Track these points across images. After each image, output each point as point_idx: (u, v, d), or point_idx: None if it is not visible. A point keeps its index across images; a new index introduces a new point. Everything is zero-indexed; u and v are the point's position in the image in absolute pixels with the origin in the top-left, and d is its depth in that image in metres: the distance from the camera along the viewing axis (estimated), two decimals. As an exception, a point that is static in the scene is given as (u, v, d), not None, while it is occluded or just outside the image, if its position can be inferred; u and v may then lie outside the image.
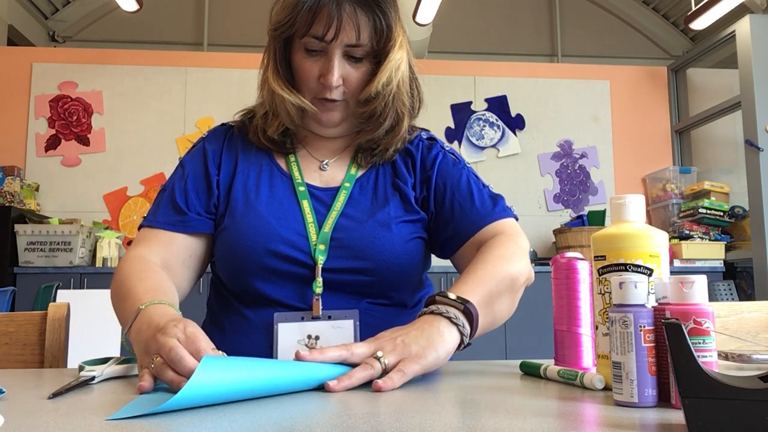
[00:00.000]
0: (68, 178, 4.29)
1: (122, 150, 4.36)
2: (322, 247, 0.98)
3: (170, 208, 1.03)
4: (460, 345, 0.81)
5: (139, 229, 1.05)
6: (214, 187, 1.05)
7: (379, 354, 0.73)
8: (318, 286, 0.97)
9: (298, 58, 1.01)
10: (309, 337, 0.96)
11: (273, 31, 1.01)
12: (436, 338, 0.77)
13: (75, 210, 4.23)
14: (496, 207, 1.04)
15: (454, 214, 1.04)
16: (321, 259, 0.97)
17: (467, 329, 0.81)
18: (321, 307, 0.96)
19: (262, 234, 0.98)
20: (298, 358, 0.72)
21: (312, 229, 0.99)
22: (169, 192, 1.05)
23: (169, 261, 1.00)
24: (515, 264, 0.95)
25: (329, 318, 0.96)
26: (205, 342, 0.72)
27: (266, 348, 0.96)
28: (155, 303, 0.84)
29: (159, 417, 0.56)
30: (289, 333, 0.95)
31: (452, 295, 0.83)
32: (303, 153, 1.10)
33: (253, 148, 1.09)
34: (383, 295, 1.01)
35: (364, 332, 0.96)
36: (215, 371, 0.61)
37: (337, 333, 0.96)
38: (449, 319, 0.80)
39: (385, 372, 0.72)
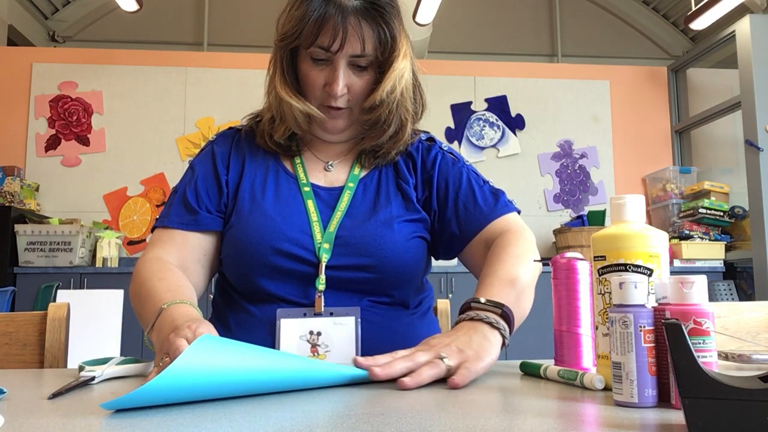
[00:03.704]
0: (68, 178, 4.29)
1: (122, 150, 4.36)
2: (326, 246, 1.00)
3: (182, 207, 1.06)
4: (501, 347, 0.84)
5: (153, 231, 1.08)
6: (224, 186, 1.07)
7: (443, 355, 0.75)
8: (321, 283, 0.99)
9: (304, 67, 1.03)
10: (311, 333, 0.97)
11: (280, 42, 1.03)
12: (485, 343, 0.81)
13: (75, 210, 4.23)
14: (499, 203, 1.08)
15: (458, 213, 1.07)
16: (325, 258, 0.99)
17: (507, 332, 0.85)
18: (323, 304, 0.98)
19: (267, 232, 1.00)
20: (357, 364, 0.74)
21: (317, 228, 1.02)
22: (180, 193, 1.08)
23: (185, 260, 1.03)
24: (530, 260, 0.99)
25: (331, 314, 0.98)
26: None
27: (270, 344, 0.97)
28: (177, 303, 0.87)
29: (158, 417, 0.56)
30: (291, 328, 0.97)
31: (485, 300, 0.87)
32: (308, 155, 1.13)
33: (260, 151, 1.11)
34: (384, 293, 1.03)
35: (365, 330, 0.98)
36: (211, 349, 0.62)
37: (338, 330, 0.97)
38: (490, 324, 0.83)
39: (448, 372, 0.74)
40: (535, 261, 1.00)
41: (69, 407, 0.61)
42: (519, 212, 1.10)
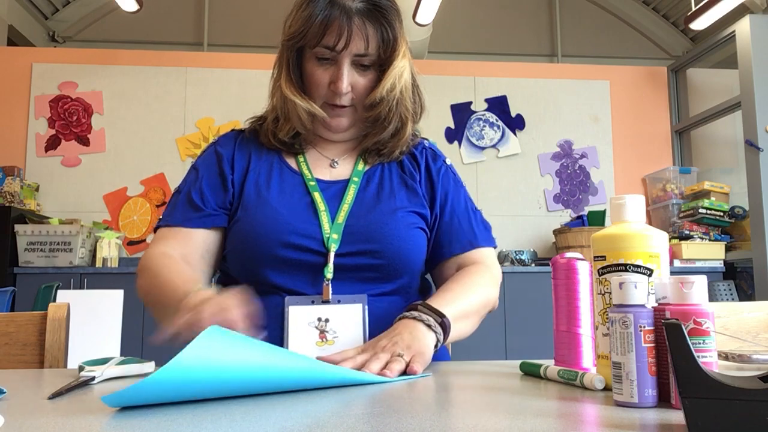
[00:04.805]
0: (68, 178, 4.29)
1: (122, 150, 4.36)
2: (335, 236, 1.03)
3: (187, 206, 1.08)
4: (435, 346, 0.92)
5: (156, 230, 1.09)
6: (229, 185, 1.09)
7: (400, 352, 0.83)
8: (329, 272, 1.01)
9: (309, 67, 1.07)
10: (319, 319, 0.99)
11: (286, 42, 1.07)
12: (422, 340, 0.89)
13: (75, 210, 4.23)
14: (486, 234, 1.15)
15: (452, 228, 1.12)
16: (334, 248, 1.02)
17: (441, 336, 0.92)
18: (331, 292, 1.00)
19: (274, 226, 1.02)
20: (326, 360, 0.79)
21: (324, 219, 1.04)
22: (184, 193, 1.10)
23: (189, 256, 1.05)
24: (488, 292, 1.07)
25: (339, 302, 1.00)
26: (236, 311, 0.79)
27: (277, 337, 0.98)
28: (199, 289, 0.88)
29: (158, 417, 0.56)
30: (299, 315, 0.99)
31: (430, 306, 0.95)
32: (312, 152, 1.16)
33: (263, 149, 1.14)
34: (388, 281, 1.06)
35: (371, 320, 1.01)
36: (216, 344, 0.62)
37: (346, 316, 0.99)
38: (429, 326, 0.91)
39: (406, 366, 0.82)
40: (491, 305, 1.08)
41: (69, 407, 0.61)
42: (495, 247, 1.17)
